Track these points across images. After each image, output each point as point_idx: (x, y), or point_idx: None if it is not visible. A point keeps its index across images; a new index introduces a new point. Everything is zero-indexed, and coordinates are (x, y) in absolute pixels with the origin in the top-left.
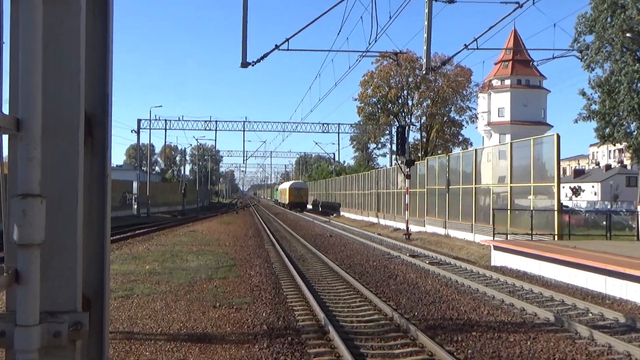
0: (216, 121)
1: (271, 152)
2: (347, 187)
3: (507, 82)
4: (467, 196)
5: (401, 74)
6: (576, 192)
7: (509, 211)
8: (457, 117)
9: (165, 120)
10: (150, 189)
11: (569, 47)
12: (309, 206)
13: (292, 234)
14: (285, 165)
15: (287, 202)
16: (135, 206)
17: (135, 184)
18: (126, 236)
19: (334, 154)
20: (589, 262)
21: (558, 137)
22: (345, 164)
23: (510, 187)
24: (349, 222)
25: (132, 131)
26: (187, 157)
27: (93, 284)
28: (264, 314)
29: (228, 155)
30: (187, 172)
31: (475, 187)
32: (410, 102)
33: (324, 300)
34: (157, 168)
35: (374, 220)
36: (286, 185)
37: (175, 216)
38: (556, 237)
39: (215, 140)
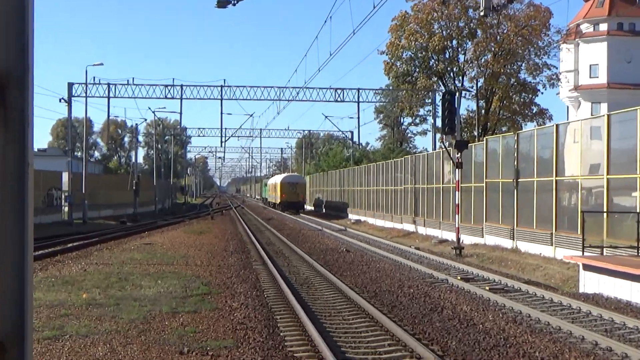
0: (181, 85)
1: (261, 130)
2: (370, 180)
3: (603, 27)
4: (545, 193)
5: (449, 16)
6: None
7: (605, 214)
8: (529, 79)
9: (109, 85)
10: (87, 183)
11: None
12: (309, 207)
13: (291, 248)
14: (281, 148)
15: (278, 200)
16: (66, 209)
17: (65, 177)
18: (53, 251)
19: (351, 132)
20: None
21: None
22: (368, 147)
23: (607, 179)
24: (374, 230)
25: (60, 100)
26: (140, 138)
27: (7, 322)
28: None
29: (199, 135)
30: (141, 160)
31: (556, 180)
32: (461, 57)
33: (338, 344)
34: (96, 153)
35: (410, 227)
36: (277, 179)
37: (123, 223)
38: None
39: (181, 114)
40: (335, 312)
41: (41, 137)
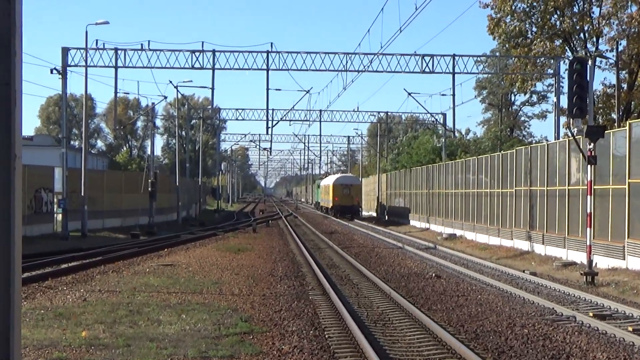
0: (214, 51)
1: (321, 112)
2: (468, 180)
3: None
4: None
5: None
6: None
7: None
8: None
9: (116, 51)
10: (88, 183)
11: None
12: (367, 212)
13: (361, 272)
14: (348, 137)
15: (330, 204)
16: (60, 217)
17: (58, 174)
18: (43, 274)
19: (443, 115)
20: None
21: None
22: (467, 136)
23: None
24: (474, 249)
25: (52, 71)
26: (159, 122)
27: None
28: None
29: (238, 119)
30: (159, 152)
31: None
32: (596, 11)
33: None
34: (100, 143)
35: (523, 245)
36: (329, 181)
37: (135, 236)
38: None
39: (213, 90)
40: (421, 359)
41: (26, 120)
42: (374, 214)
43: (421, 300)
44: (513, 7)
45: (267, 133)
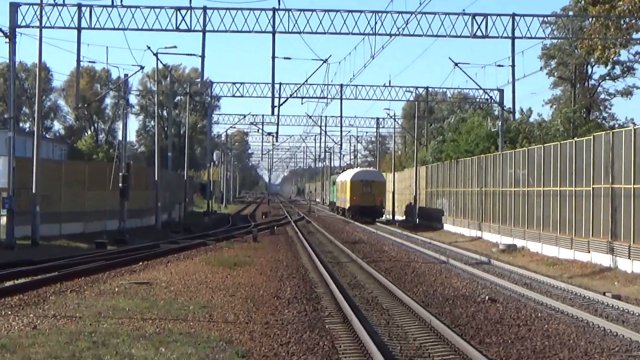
0: (204, 8)
1: (342, 87)
2: (533, 176)
3: None
4: None
5: None
6: None
7: None
8: None
9: (79, 7)
10: (41, 177)
11: None
12: (391, 215)
13: (393, 293)
14: (377, 119)
15: (347, 205)
16: (4, 220)
17: (2, 164)
18: None
19: (500, 92)
20: None
21: None
22: (531, 119)
23: None
24: (540, 264)
25: None
26: (133, 99)
27: None
28: None
29: (235, 95)
30: (133, 137)
31: None
32: None
33: None
34: (57, 125)
35: (603, 259)
36: (346, 176)
37: (101, 246)
38: None
39: (203, 58)
40: None
41: None
42: (402, 217)
43: (471, 331)
44: None
45: (273, 114)
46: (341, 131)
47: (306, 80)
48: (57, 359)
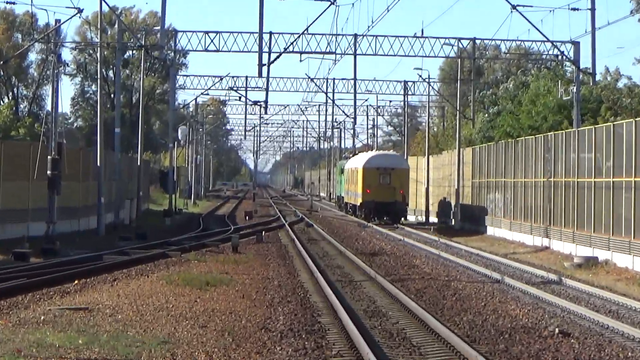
0: None
1: (355, 37)
2: (617, 164)
3: None
4: None
5: None
6: None
7: None
8: None
9: None
10: None
11: None
12: (413, 216)
13: (425, 321)
14: (404, 82)
15: (359, 200)
16: None
17: None
18: None
19: (573, 45)
20: None
21: None
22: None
23: None
24: (632, 283)
25: None
26: (67, 54)
27: None
28: None
29: (208, 50)
30: (67, 108)
31: None
32: None
33: None
34: None
35: None
36: (357, 162)
37: (22, 257)
38: None
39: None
40: None
41: None
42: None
43: None
44: None
45: (261, 76)
46: (355, 100)
47: (307, 29)
48: None
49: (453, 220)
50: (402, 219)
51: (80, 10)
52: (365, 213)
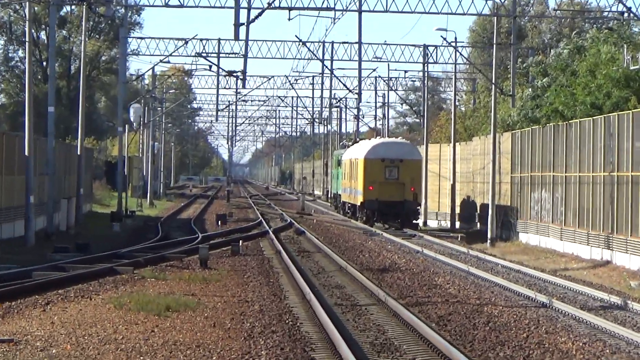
0: None
1: None
2: None
3: None
4: None
5: None
6: None
7: None
8: None
9: None
10: None
11: None
12: (435, 221)
13: (445, 354)
14: (424, 47)
15: (359, 199)
16: None
17: None
18: None
19: None
20: None
21: None
22: None
23: None
24: None
25: None
26: None
27: None
28: None
29: (168, 3)
30: None
31: None
32: None
33: None
34: None
35: None
36: (358, 152)
37: None
38: None
39: None
40: None
41: None
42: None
43: None
44: None
45: (238, 39)
46: (360, 70)
47: None
48: None
49: (487, 226)
50: (415, 222)
51: None
52: (366, 215)
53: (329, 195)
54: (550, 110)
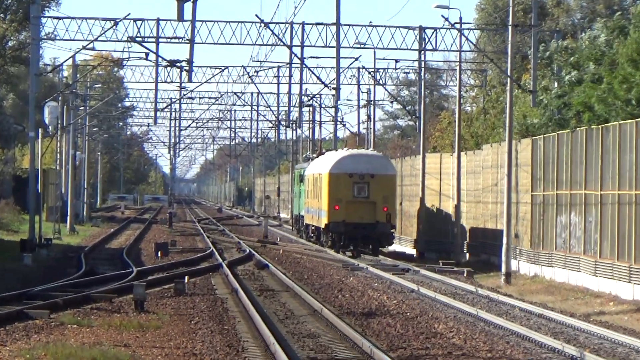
0: None
1: None
2: None
3: None
4: None
5: None
6: None
7: None
8: None
9: None
10: None
11: None
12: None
13: None
14: (420, 29)
15: (324, 222)
16: None
17: None
18: None
19: None
20: None
21: None
22: None
23: None
24: None
25: None
26: None
27: None
28: None
29: None
30: None
31: None
32: None
33: None
34: None
35: None
36: (321, 166)
37: None
38: None
39: None
40: None
41: None
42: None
43: None
44: None
45: (182, 19)
46: (338, 59)
47: None
48: None
49: (501, 257)
50: (384, 246)
51: None
52: (332, 240)
53: (292, 218)
54: (582, 108)
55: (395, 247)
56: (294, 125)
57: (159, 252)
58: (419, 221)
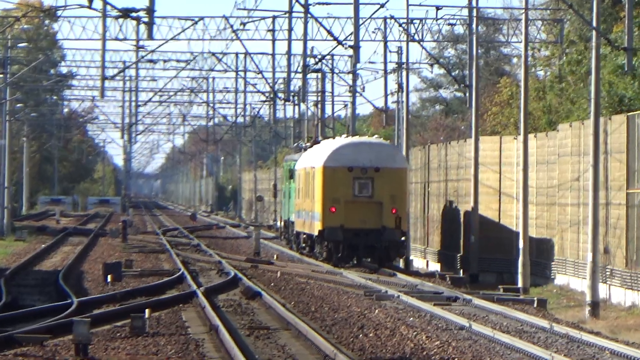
0: None
1: None
2: None
3: None
4: None
5: None
6: None
7: None
8: None
9: None
10: None
11: None
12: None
13: None
14: None
15: (317, 227)
16: None
17: None
18: None
19: None
20: None
21: None
22: None
23: None
24: None
25: None
26: None
27: None
28: None
29: None
30: None
31: None
32: None
33: None
34: None
35: None
36: (315, 158)
37: None
38: None
39: None
40: None
41: None
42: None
43: None
44: None
45: None
46: (357, 8)
47: None
48: None
49: (585, 280)
50: (393, 258)
51: None
52: (327, 250)
53: (281, 224)
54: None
55: (433, 266)
56: (295, 98)
57: (109, 276)
58: (468, 230)
